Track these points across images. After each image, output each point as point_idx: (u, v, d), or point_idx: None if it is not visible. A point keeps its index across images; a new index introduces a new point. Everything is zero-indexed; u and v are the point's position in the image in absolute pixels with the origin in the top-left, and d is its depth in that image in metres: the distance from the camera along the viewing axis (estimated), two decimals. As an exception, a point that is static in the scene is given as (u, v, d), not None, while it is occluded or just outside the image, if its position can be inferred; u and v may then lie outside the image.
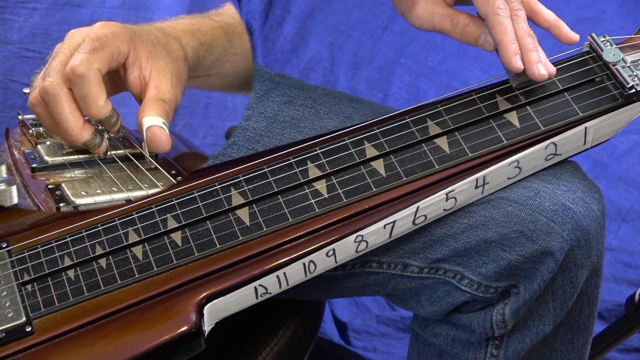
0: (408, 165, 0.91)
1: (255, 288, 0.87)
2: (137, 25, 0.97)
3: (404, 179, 0.91)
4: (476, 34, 0.94)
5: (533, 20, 0.95)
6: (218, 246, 0.88)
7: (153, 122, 0.91)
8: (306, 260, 0.88)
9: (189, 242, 0.88)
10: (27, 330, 0.84)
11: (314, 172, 0.91)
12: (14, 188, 0.92)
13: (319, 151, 0.93)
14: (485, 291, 0.97)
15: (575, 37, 0.94)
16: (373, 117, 0.98)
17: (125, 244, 0.88)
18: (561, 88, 0.94)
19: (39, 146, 0.99)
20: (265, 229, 0.89)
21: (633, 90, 0.92)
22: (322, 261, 0.89)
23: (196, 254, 0.88)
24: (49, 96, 0.91)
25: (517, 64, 0.90)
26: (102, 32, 0.91)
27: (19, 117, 1.06)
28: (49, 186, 0.94)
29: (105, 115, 0.91)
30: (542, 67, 0.90)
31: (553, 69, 0.91)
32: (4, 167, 0.96)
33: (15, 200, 0.92)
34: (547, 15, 0.95)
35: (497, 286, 0.96)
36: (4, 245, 0.90)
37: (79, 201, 0.92)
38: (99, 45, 0.90)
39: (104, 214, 0.90)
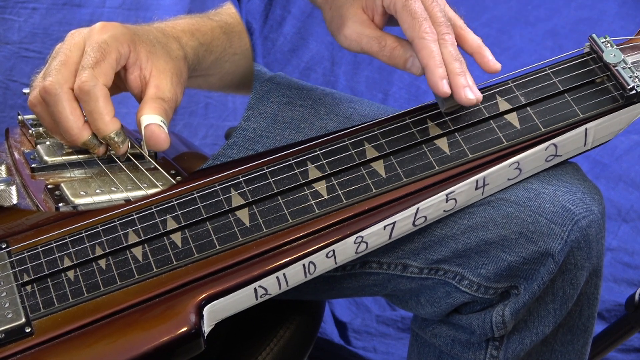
0: (408, 166, 0.91)
1: (255, 289, 0.87)
2: (137, 25, 0.97)
3: (404, 180, 0.91)
4: (404, 57, 0.93)
5: (458, 45, 0.93)
6: (218, 247, 0.88)
7: (151, 120, 0.91)
8: (306, 261, 0.88)
9: (189, 243, 0.88)
10: (27, 331, 0.84)
11: (314, 173, 0.91)
12: (13, 188, 0.92)
13: (319, 152, 0.93)
14: (484, 292, 0.97)
15: (497, 66, 0.92)
16: (373, 118, 0.98)
17: (125, 244, 0.88)
18: (562, 89, 0.94)
19: (38, 146, 0.99)
20: (265, 230, 0.89)
21: (634, 92, 0.92)
22: (322, 262, 0.89)
23: (196, 255, 0.88)
24: (49, 95, 0.91)
25: (444, 88, 0.88)
26: (102, 38, 0.91)
27: (19, 117, 1.06)
28: (49, 186, 0.94)
29: (112, 132, 0.91)
30: (470, 91, 0.89)
31: (480, 95, 0.90)
32: (3, 167, 0.96)
33: (15, 201, 0.92)
34: (472, 40, 0.94)
35: (497, 287, 0.96)
36: (3, 246, 0.89)
37: (78, 201, 0.92)
38: (100, 56, 0.90)
39: (104, 214, 0.90)
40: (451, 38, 0.90)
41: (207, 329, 0.86)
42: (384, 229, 0.90)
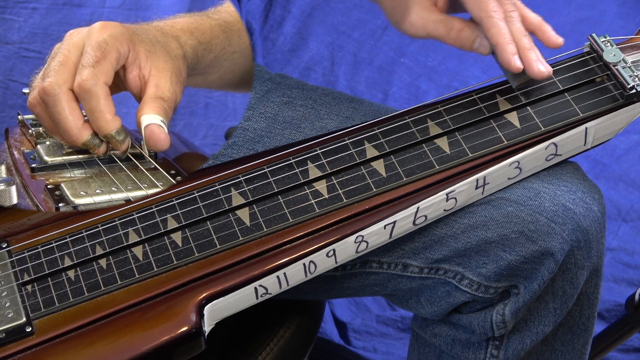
0: (408, 165, 0.91)
1: (256, 288, 0.87)
2: (136, 25, 0.97)
3: (405, 179, 0.91)
4: (471, 38, 0.94)
5: None
6: (218, 246, 0.88)
7: (151, 120, 0.91)
8: (306, 260, 0.88)
9: (189, 242, 0.88)
10: (27, 330, 0.84)
11: (314, 172, 0.91)
12: (13, 188, 0.92)
13: (319, 151, 0.93)
14: (485, 291, 0.97)
15: (560, 40, 0.94)
16: (373, 118, 0.98)
17: (125, 244, 0.88)
18: (562, 88, 0.94)
19: (38, 146, 0.99)
20: (265, 230, 0.89)
21: (633, 91, 0.92)
22: (322, 261, 0.89)
23: (196, 255, 0.88)
24: (49, 96, 0.90)
25: (517, 63, 0.90)
26: (102, 37, 0.91)
27: (19, 117, 1.06)
28: (49, 186, 0.95)
29: (113, 131, 0.91)
30: (541, 65, 0.91)
31: (550, 68, 0.92)
32: (3, 167, 0.96)
33: (15, 201, 0.92)
34: (533, 18, 0.95)
35: (497, 286, 0.96)
36: (4, 246, 0.90)
37: (78, 201, 0.92)
38: (100, 55, 0.90)
39: (104, 214, 0.90)
40: (517, 15, 0.93)
41: (207, 328, 0.86)
42: (384, 228, 0.90)
